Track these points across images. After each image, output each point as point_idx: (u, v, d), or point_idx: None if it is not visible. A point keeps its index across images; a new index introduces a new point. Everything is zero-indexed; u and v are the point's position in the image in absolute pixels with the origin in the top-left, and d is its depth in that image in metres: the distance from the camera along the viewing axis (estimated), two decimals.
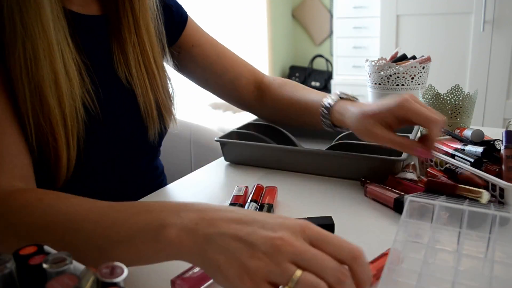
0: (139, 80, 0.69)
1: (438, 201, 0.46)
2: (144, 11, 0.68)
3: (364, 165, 0.73)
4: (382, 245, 0.53)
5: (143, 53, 0.69)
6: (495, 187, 0.59)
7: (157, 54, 0.72)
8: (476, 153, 0.65)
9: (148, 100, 0.70)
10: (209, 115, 2.97)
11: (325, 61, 3.65)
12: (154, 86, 0.71)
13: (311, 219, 0.56)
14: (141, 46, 0.69)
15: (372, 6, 2.98)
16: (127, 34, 0.67)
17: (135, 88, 0.69)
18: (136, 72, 0.69)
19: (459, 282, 0.40)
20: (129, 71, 0.68)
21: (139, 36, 0.68)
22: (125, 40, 0.67)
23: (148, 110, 0.70)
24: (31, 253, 0.37)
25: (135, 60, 0.68)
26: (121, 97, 0.69)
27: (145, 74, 0.70)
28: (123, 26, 0.67)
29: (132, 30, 0.67)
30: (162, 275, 0.48)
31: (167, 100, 0.74)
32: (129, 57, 0.68)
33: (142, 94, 0.70)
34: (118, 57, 0.68)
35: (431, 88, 0.86)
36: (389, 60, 1.08)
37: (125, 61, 0.68)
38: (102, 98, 0.64)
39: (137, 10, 0.67)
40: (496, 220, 0.43)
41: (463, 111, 0.82)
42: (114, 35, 0.68)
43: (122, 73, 0.68)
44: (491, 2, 2.28)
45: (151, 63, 0.70)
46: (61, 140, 0.57)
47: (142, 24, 0.68)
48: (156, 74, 0.71)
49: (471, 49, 2.41)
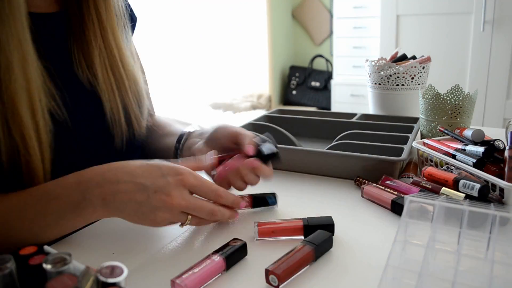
0: (105, 85, 0.66)
1: (438, 201, 0.46)
2: (110, 13, 0.65)
3: (363, 165, 0.73)
4: (382, 245, 0.53)
5: (110, 58, 0.66)
6: (495, 187, 0.59)
7: (124, 57, 0.68)
8: (477, 153, 0.65)
9: (115, 106, 0.67)
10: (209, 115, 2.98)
11: (325, 61, 3.65)
12: (122, 91, 0.68)
13: (312, 219, 0.56)
14: (108, 51, 0.66)
15: (372, 6, 2.98)
16: (92, 38, 0.64)
17: (102, 94, 0.66)
18: (103, 77, 0.65)
19: (459, 282, 0.40)
20: (94, 76, 0.65)
21: (105, 40, 0.65)
22: (90, 44, 0.64)
23: (115, 117, 0.67)
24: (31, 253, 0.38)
25: (102, 64, 0.65)
26: (85, 101, 0.65)
27: (113, 79, 0.67)
28: (88, 29, 0.64)
29: (98, 34, 0.64)
30: (162, 275, 0.48)
31: (136, 106, 0.70)
32: (94, 61, 0.64)
33: (109, 100, 0.66)
34: (78, 58, 0.64)
35: (431, 88, 0.86)
36: (389, 60, 1.08)
37: (89, 63, 0.65)
38: (68, 103, 0.61)
39: (102, 11, 0.64)
40: (496, 220, 0.43)
41: (463, 111, 0.82)
42: (74, 34, 0.64)
43: (84, 76, 0.65)
44: (491, 2, 2.28)
45: (119, 68, 0.67)
46: (35, 154, 0.55)
47: (108, 27, 0.65)
48: (124, 78, 0.68)
49: (471, 49, 2.41)
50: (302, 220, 0.55)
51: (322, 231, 0.53)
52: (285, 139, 0.89)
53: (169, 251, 0.54)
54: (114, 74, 0.67)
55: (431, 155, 0.71)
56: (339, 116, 1.05)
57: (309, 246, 0.49)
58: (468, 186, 0.58)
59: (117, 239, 0.57)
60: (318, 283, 0.46)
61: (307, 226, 0.55)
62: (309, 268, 0.49)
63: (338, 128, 0.96)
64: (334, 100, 3.25)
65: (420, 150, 0.75)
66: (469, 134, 0.71)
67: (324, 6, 3.64)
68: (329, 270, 0.49)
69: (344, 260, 0.51)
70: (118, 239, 0.57)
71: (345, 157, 0.75)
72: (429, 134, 0.86)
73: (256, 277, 0.47)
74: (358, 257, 0.51)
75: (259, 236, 0.55)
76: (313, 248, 0.49)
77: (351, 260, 0.50)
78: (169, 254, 0.53)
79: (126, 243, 0.57)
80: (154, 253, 0.54)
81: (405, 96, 1.04)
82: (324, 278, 0.47)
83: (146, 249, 0.55)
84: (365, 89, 2.92)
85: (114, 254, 0.54)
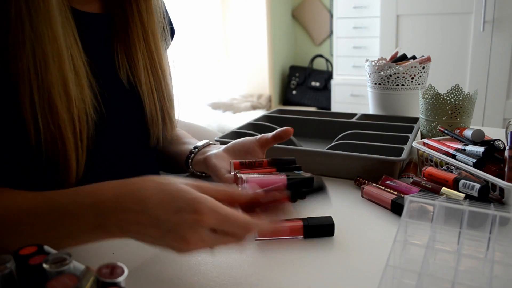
0: (146, 87, 0.69)
1: (438, 201, 0.46)
2: (151, 16, 0.68)
3: (363, 165, 0.73)
4: (382, 245, 0.53)
5: (151, 60, 0.69)
6: (495, 187, 0.59)
7: (162, 60, 0.72)
8: (477, 153, 0.65)
9: (154, 107, 0.71)
10: (209, 115, 2.97)
11: (325, 61, 3.65)
12: (160, 93, 0.72)
13: (312, 219, 0.56)
14: (149, 53, 0.69)
15: (372, 6, 2.98)
16: (136, 40, 0.67)
17: (142, 94, 0.69)
18: (145, 79, 0.69)
19: (459, 282, 0.40)
20: (136, 77, 0.68)
21: (147, 43, 0.68)
22: (133, 46, 0.67)
23: (153, 117, 0.71)
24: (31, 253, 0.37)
25: (144, 67, 0.69)
26: (123, 99, 0.68)
27: (153, 81, 0.70)
28: (132, 31, 0.67)
29: (141, 36, 0.67)
30: (162, 275, 0.48)
31: (170, 108, 0.75)
32: (137, 64, 0.68)
33: (149, 101, 0.70)
34: (121, 59, 0.67)
35: (431, 88, 0.86)
36: (389, 60, 1.08)
37: (132, 66, 0.68)
38: (107, 99, 0.64)
39: (144, 16, 0.67)
40: (496, 220, 0.43)
41: (463, 111, 0.82)
42: (119, 37, 0.67)
43: (124, 75, 0.68)
44: (491, 2, 2.28)
45: (158, 70, 0.71)
46: (69, 145, 0.57)
47: (149, 30, 0.68)
48: (162, 80, 0.72)
49: (471, 49, 2.41)
50: (302, 220, 0.55)
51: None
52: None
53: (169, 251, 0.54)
54: (154, 76, 0.70)
55: (431, 155, 0.71)
56: (339, 116, 1.05)
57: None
58: (468, 186, 0.58)
59: (117, 239, 0.57)
60: (318, 283, 0.46)
61: (307, 226, 0.55)
62: (309, 268, 0.49)
63: (338, 128, 0.96)
64: (334, 100, 3.25)
65: (420, 150, 0.75)
66: (469, 134, 0.71)
67: (324, 6, 3.64)
68: (329, 270, 0.49)
69: (344, 260, 0.51)
70: (118, 239, 0.57)
71: (345, 157, 0.75)
72: (429, 134, 0.86)
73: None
74: (358, 257, 0.51)
75: (259, 236, 0.55)
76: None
77: (351, 260, 0.50)
78: (169, 254, 0.53)
79: (126, 243, 0.56)
80: (154, 253, 0.54)
81: (405, 96, 1.04)
82: (324, 278, 0.47)
83: (146, 249, 0.54)
84: (365, 89, 2.92)
85: (114, 254, 0.54)
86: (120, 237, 0.47)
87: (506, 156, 0.61)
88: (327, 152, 0.77)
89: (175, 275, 0.48)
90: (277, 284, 0.47)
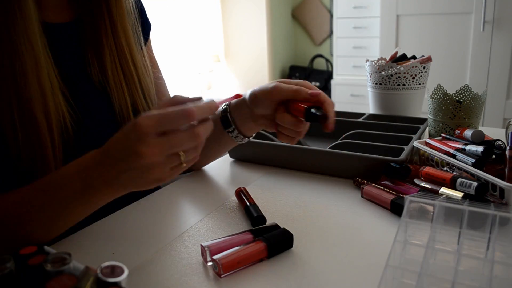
0: (114, 82, 0.68)
1: (438, 201, 0.46)
2: (121, 13, 0.67)
3: (363, 165, 0.73)
4: (382, 245, 0.53)
5: (120, 55, 0.68)
6: (495, 187, 0.59)
7: (135, 55, 0.70)
8: (477, 152, 0.65)
9: (124, 103, 0.69)
10: None
11: (325, 61, 3.65)
12: (131, 87, 0.70)
13: (269, 236, 0.52)
14: (118, 48, 0.68)
15: (372, 6, 2.97)
16: (104, 36, 0.66)
17: (110, 90, 0.68)
18: (112, 74, 0.67)
19: (459, 282, 0.40)
20: (104, 74, 0.67)
21: (116, 37, 0.67)
22: (101, 43, 0.66)
23: (123, 113, 0.69)
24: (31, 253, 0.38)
25: (112, 62, 0.67)
26: (97, 100, 0.68)
27: (122, 75, 0.68)
28: (100, 29, 0.66)
29: (109, 32, 0.66)
30: (162, 275, 0.48)
31: (146, 102, 0.72)
32: (105, 59, 0.67)
33: (118, 96, 0.68)
34: (92, 62, 0.67)
35: (440, 88, 0.85)
36: (389, 60, 1.08)
37: (100, 64, 0.67)
38: (81, 104, 0.64)
39: (114, 11, 0.66)
40: (496, 220, 0.43)
41: (472, 111, 0.81)
42: (88, 40, 0.67)
43: (96, 77, 0.67)
44: (491, 2, 2.28)
45: (129, 64, 0.69)
46: (49, 152, 0.58)
47: (119, 26, 0.67)
48: (134, 75, 0.70)
49: (471, 49, 2.41)
50: (261, 240, 0.51)
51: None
52: None
53: (169, 251, 0.54)
54: (123, 71, 0.69)
55: (432, 154, 0.71)
56: (346, 116, 1.05)
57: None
58: (465, 185, 0.58)
59: (117, 239, 0.57)
60: (318, 282, 0.46)
61: (270, 245, 0.51)
62: (308, 268, 0.49)
63: (345, 127, 0.95)
64: (334, 100, 3.25)
65: (421, 150, 0.75)
66: (469, 134, 0.71)
67: (324, 6, 3.64)
68: (329, 269, 0.49)
69: (344, 260, 0.51)
70: (118, 239, 0.57)
71: (344, 156, 0.75)
72: (438, 134, 0.85)
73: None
74: (358, 257, 0.51)
75: (224, 272, 0.48)
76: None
77: (351, 260, 0.50)
78: (169, 253, 0.53)
79: (126, 243, 0.57)
80: (154, 253, 0.54)
81: (406, 96, 1.04)
82: (324, 277, 0.47)
83: (146, 249, 0.55)
84: (365, 89, 2.92)
85: (114, 254, 0.54)
86: (110, 192, 0.51)
87: (506, 156, 0.61)
88: (326, 151, 0.77)
89: (175, 275, 0.48)
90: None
